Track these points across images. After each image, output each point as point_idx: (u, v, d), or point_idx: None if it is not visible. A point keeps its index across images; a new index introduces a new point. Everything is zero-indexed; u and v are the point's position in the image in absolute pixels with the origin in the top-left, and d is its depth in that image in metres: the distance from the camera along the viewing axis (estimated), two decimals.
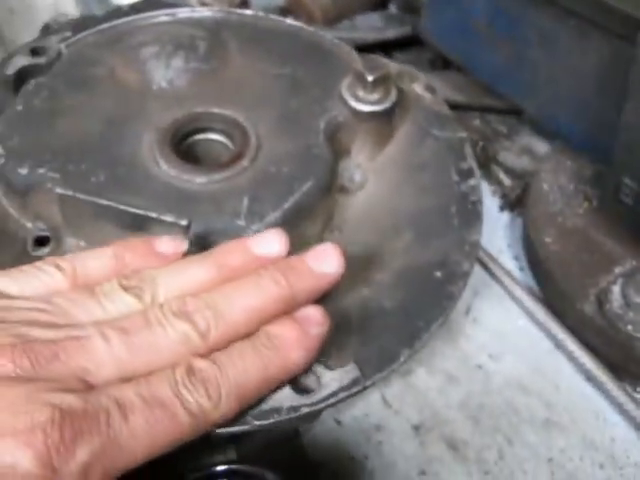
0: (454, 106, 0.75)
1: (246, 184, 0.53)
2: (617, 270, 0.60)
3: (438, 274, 0.52)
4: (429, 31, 0.78)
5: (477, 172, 0.58)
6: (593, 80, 0.62)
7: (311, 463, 0.56)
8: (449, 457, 0.56)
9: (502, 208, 0.73)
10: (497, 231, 0.72)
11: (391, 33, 0.86)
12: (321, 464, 0.56)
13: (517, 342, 0.63)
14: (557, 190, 0.66)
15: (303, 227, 0.54)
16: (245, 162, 0.54)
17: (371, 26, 0.89)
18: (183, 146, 0.56)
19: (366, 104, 0.58)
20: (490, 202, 0.74)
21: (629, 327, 0.56)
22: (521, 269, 0.68)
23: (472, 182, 0.57)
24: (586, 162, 0.67)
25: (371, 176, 0.59)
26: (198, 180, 0.53)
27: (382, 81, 0.57)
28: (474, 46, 0.72)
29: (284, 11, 0.90)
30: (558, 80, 0.65)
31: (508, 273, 0.66)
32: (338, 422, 0.58)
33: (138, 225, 0.51)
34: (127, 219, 0.51)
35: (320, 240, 0.54)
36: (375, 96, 0.58)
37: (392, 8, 0.93)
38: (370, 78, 0.57)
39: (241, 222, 0.50)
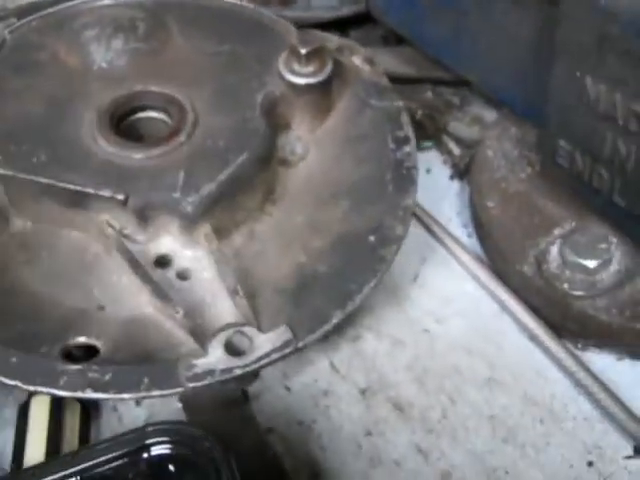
0: (405, 80, 0.77)
1: (183, 159, 0.55)
2: (556, 231, 0.61)
3: (372, 239, 0.54)
4: (377, 7, 0.79)
5: (413, 139, 0.59)
6: (528, 46, 0.63)
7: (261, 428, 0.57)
8: (394, 418, 0.57)
9: (452, 177, 0.74)
10: (447, 200, 0.73)
11: (345, 11, 0.87)
12: (270, 429, 0.57)
13: (463, 306, 0.64)
14: (501, 156, 0.68)
15: (241, 199, 0.56)
16: (182, 137, 0.56)
17: (326, 5, 0.89)
18: (123, 124, 0.58)
19: (301, 77, 0.59)
20: (440, 171, 0.76)
21: (565, 285, 0.58)
22: (469, 236, 0.70)
23: (407, 149, 0.59)
24: (529, 128, 0.67)
25: (312, 148, 0.61)
26: (136, 156, 0.55)
27: (316, 54, 0.59)
28: (418, 19, 0.73)
29: None
30: (496, 48, 0.66)
31: (455, 239, 0.68)
32: (287, 388, 0.60)
33: (79, 202, 0.53)
34: (67, 196, 0.52)
35: (261, 211, 0.56)
36: (310, 69, 0.59)
37: None
38: (303, 51, 0.58)
39: (177, 195, 0.52)
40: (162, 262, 0.53)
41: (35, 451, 0.53)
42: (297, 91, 0.60)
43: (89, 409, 0.59)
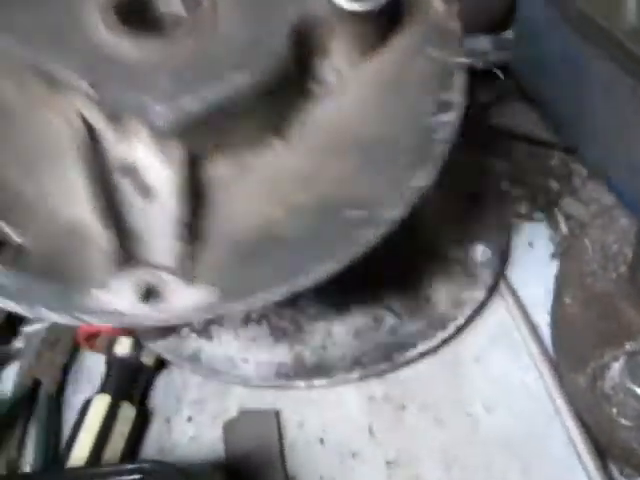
0: (536, 141, 0.74)
1: (178, 59, 0.47)
2: (627, 346, 0.57)
3: (358, 214, 0.45)
4: (514, 62, 0.76)
5: (459, 107, 0.49)
6: None
7: (287, 475, 0.60)
8: None
9: (554, 256, 0.70)
10: (542, 279, 0.70)
11: (491, 58, 0.85)
12: (293, 478, 0.60)
13: (516, 399, 0.62)
14: (598, 249, 0.63)
15: (234, 125, 0.48)
16: (189, 38, 0.48)
17: (475, 49, 0.87)
18: (135, 12, 0.50)
19: (350, 1, 0.48)
20: (543, 248, 0.72)
21: (614, 410, 0.54)
22: (550, 325, 0.66)
23: (446, 118, 0.48)
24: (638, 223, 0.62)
25: (345, 85, 0.52)
26: (127, 45, 0.47)
27: None
28: (546, 85, 0.70)
29: None
30: (612, 136, 0.62)
31: (532, 326, 0.65)
32: (322, 441, 0.62)
33: (53, 83, 0.47)
34: (43, 75, 0.47)
35: (262, 143, 0.49)
36: None
37: (509, 33, 0.90)
38: None
39: (148, 100, 0.45)
40: (125, 170, 0.46)
41: (81, 450, 0.61)
42: (345, 16, 0.48)
43: (144, 418, 0.65)
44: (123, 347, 0.67)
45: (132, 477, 0.48)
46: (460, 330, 0.64)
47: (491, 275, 0.65)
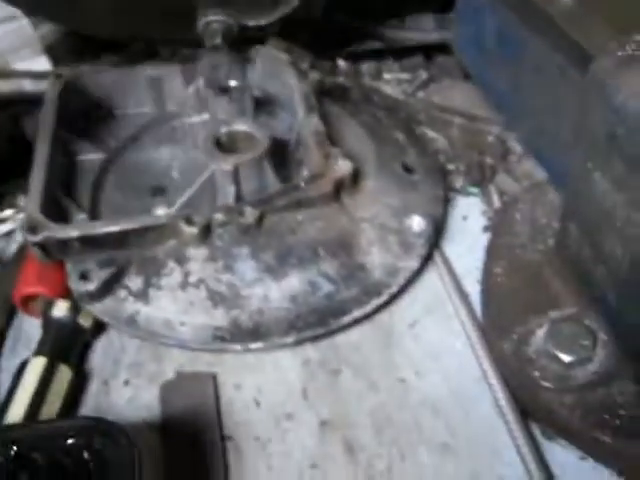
0: (474, 118, 0.76)
1: None
2: (552, 314, 0.59)
3: None
4: (455, 41, 0.78)
5: None
6: (569, 118, 0.61)
7: (223, 436, 0.61)
8: (342, 457, 0.59)
9: (486, 229, 0.73)
10: (474, 252, 0.72)
11: (435, 36, 0.87)
12: (229, 437, 0.61)
13: (447, 365, 0.64)
14: (528, 222, 0.66)
15: None
16: None
17: (418, 27, 0.89)
18: None
19: None
20: (476, 221, 0.75)
21: (536, 373, 0.57)
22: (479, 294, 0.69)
23: None
24: None
25: None
26: None
27: None
28: (484, 63, 0.72)
29: None
30: (542, 113, 0.64)
31: (464, 295, 0.67)
32: (257, 403, 0.63)
33: None
34: None
35: None
36: None
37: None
38: None
39: None
40: None
41: (17, 409, 0.61)
42: None
43: (82, 380, 0.65)
44: (60, 309, 0.67)
45: (72, 432, 0.48)
46: (394, 298, 0.66)
47: (425, 246, 0.67)
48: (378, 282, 0.65)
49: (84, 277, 0.62)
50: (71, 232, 0.62)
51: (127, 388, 0.65)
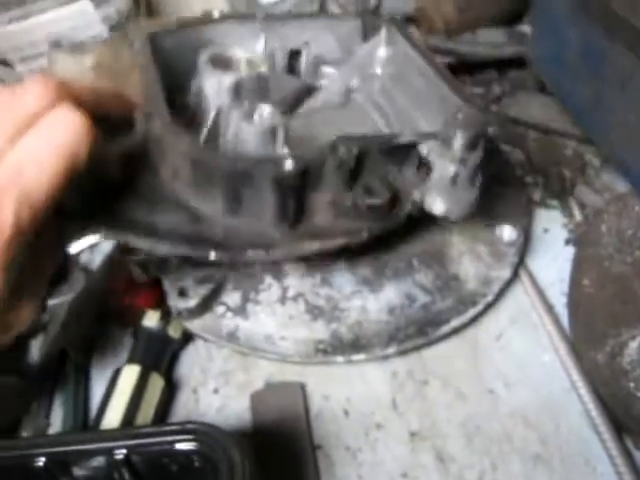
0: (551, 131, 0.77)
1: None
2: None
3: None
4: (532, 54, 0.78)
5: None
6: None
7: (313, 445, 0.62)
8: (433, 467, 0.60)
9: (568, 242, 0.73)
10: (556, 264, 0.72)
11: (507, 51, 0.87)
12: (319, 446, 0.62)
13: (535, 376, 0.64)
14: (615, 233, 0.66)
15: None
16: None
17: (490, 42, 0.90)
18: None
19: None
20: (558, 234, 0.75)
21: (631, 384, 0.57)
22: (566, 306, 0.69)
23: None
24: None
25: None
26: None
27: None
28: (565, 76, 0.72)
29: (409, 19, 0.94)
30: (630, 125, 0.64)
31: (549, 307, 0.68)
32: (346, 412, 0.64)
33: None
34: None
35: None
36: None
37: (525, 26, 0.93)
38: None
39: None
40: None
41: (113, 416, 0.62)
42: None
43: (172, 388, 0.67)
44: (150, 320, 0.68)
45: (182, 437, 0.49)
46: (486, 308, 0.66)
47: (516, 255, 0.68)
48: (473, 292, 0.66)
49: (183, 294, 0.64)
50: None
51: (216, 396, 0.67)
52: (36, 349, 0.71)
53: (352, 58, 0.79)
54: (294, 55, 0.79)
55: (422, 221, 0.61)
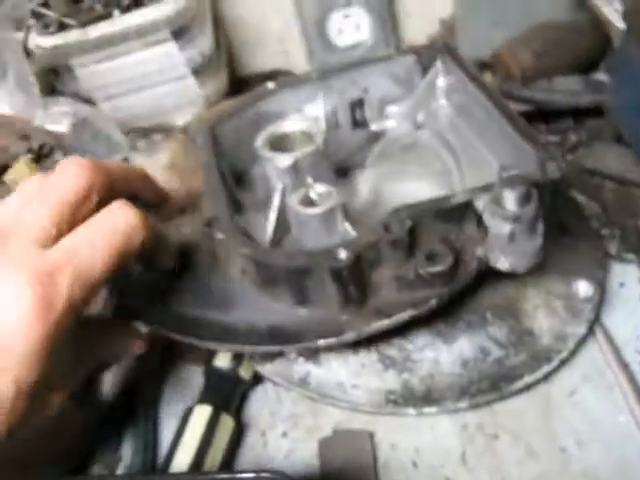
0: (627, 182, 0.76)
1: None
2: None
3: None
4: (610, 104, 0.78)
5: None
6: None
7: None
8: None
9: None
10: (632, 320, 0.71)
11: (586, 100, 0.87)
12: None
13: (610, 437, 0.63)
14: None
15: None
16: None
17: (567, 89, 0.89)
18: None
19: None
20: (634, 289, 0.74)
21: None
22: None
23: None
24: None
25: None
26: None
27: None
28: None
29: (485, 65, 0.94)
30: None
31: (624, 366, 0.66)
32: (415, 464, 0.64)
33: None
34: None
35: None
36: None
37: (601, 74, 0.92)
38: None
39: None
40: None
41: (184, 455, 0.63)
42: None
43: (241, 429, 0.67)
44: (222, 360, 0.69)
45: None
46: (562, 364, 0.65)
47: (592, 311, 0.67)
48: (547, 347, 0.65)
49: None
50: None
51: (285, 440, 0.67)
52: (108, 384, 0.73)
53: (414, 94, 0.79)
54: (356, 105, 0.80)
55: (493, 273, 0.61)
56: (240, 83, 1.03)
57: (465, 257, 0.60)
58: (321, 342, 0.59)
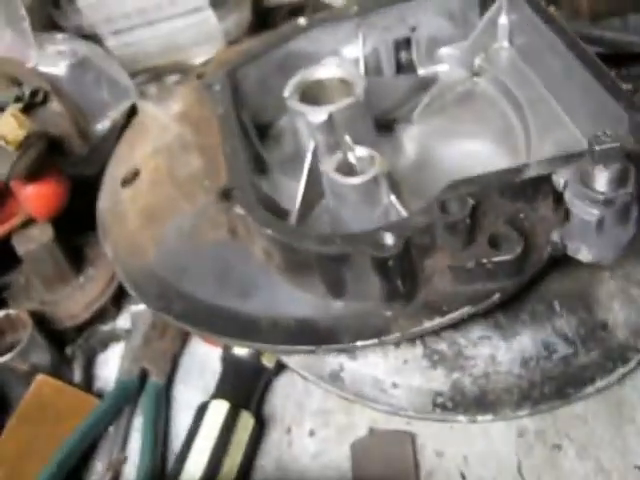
0: None
1: None
2: None
3: None
4: None
5: None
6: None
7: None
8: None
9: None
10: None
11: None
12: None
13: None
14: None
15: None
16: None
17: None
18: None
19: None
20: None
21: None
22: None
23: None
24: None
25: None
26: None
27: None
28: None
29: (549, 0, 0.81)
30: None
31: None
32: (463, 476, 0.56)
33: None
34: None
35: None
36: None
37: None
38: None
39: None
40: None
41: (198, 459, 0.55)
42: None
43: (263, 422, 0.59)
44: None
45: None
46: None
47: None
48: (623, 345, 0.55)
49: None
50: None
51: (312, 440, 0.60)
52: (113, 361, 0.65)
53: (472, 33, 0.68)
54: (402, 46, 0.69)
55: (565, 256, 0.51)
56: (265, 16, 0.91)
57: (536, 241, 0.49)
58: (359, 344, 0.49)
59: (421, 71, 0.70)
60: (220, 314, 0.53)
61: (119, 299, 0.70)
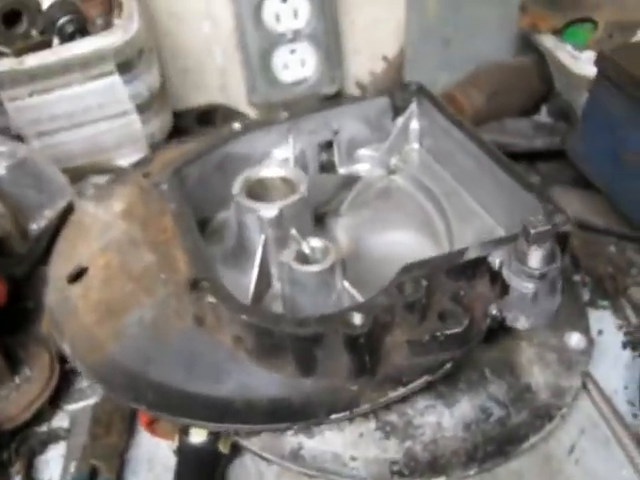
0: (591, 229, 0.75)
1: None
2: None
3: None
4: (576, 152, 0.77)
5: None
6: None
7: None
8: None
9: (625, 346, 0.71)
10: (616, 369, 0.70)
11: (540, 143, 0.86)
12: None
13: None
14: None
15: None
16: None
17: (519, 132, 0.88)
18: None
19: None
20: (613, 337, 0.73)
21: None
22: (634, 416, 0.66)
23: None
24: None
25: None
26: None
27: None
28: (620, 176, 0.71)
29: None
30: None
31: (619, 417, 0.65)
32: None
33: None
34: None
35: None
36: None
37: (543, 114, 0.93)
38: None
39: None
40: None
41: None
42: None
43: None
44: (199, 435, 0.61)
45: None
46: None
47: (585, 362, 0.65)
48: (547, 403, 0.62)
49: None
50: None
51: None
52: (54, 461, 0.64)
53: (387, 137, 0.76)
54: (324, 148, 0.76)
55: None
56: (177, 119, 0.95)
57: (475, 315, 0.56)
58: (334, 417, 0.53)
59: (341, 170, 0.76)
60: (194, 400, 0.55)
61: (55, 399, 0.69)
